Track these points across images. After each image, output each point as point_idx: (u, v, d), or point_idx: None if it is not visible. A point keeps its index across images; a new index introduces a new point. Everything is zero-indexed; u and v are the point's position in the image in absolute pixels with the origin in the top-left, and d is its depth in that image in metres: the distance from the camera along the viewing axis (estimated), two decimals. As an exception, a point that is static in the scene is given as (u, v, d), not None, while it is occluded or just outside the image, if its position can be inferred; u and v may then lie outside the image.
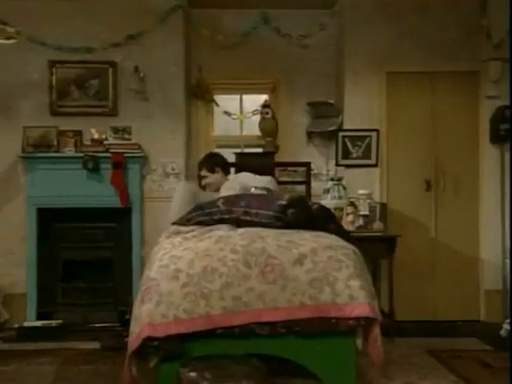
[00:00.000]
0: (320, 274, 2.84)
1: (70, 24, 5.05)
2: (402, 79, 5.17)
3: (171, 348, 2.76)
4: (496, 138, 5.03)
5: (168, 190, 5.06)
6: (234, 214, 3.24)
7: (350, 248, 3.04)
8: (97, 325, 4.92)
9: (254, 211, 3.17)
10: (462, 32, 5.09)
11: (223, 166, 4.45)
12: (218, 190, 4.25)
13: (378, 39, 5.16)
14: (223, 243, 3.01)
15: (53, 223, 5.12)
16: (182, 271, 2.84)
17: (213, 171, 4.38)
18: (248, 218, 3.18)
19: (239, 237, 3.07)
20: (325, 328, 2.82)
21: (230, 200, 3.38)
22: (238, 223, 3.30)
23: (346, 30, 5.22)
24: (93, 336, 4.58)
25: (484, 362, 3.84)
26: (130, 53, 5.09)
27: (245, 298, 2.79)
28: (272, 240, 3.00)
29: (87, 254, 5.16)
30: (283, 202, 3.17)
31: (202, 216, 3.39)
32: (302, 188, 5.26)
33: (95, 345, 4.34)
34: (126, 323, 4.36)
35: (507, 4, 3.85)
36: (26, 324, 4.79)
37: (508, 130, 4.87)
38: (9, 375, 3.70)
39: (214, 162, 4.41)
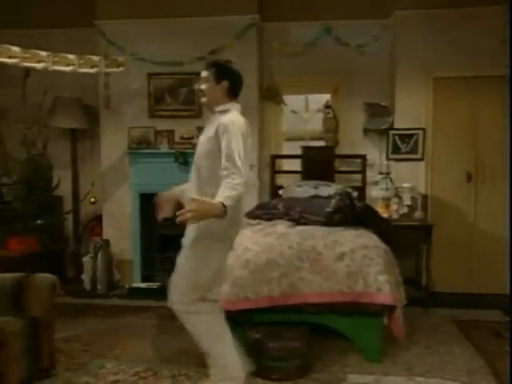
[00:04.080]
0: (355, 269, 3.39)
1: (164, 42, 5.61)
2: (447, 84, 5.41)
3: (242, 317, 3.45)
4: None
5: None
6: (292, 216, 3.88)
7: (382, 247, 3.55)
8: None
9: (308, 216, 3.79)
10: (502, 39, 5.12)
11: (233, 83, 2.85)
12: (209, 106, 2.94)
13: (426, 48, 5.40)
14: (283, 239, 3.66)
15: (151, 205, 5.87)
16: (250, 261, 3.51)
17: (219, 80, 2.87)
18: (304, 221, 3.82)
19: (296, 235, 3.70)
20: (358, 310, 3.40)
21: (288, 204, 4.02)
22: (297, 221, 3.95)
23: (397, 41, 5.50)
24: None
25: (498, 333, 4.15)
26: (212, 65, 5.68)
27: (297, 284, 3.41)
28: (320, 239, 3.60)
29: (177, 231, 5.81)
30: (330, 210, 3.76)
31: (266, 214, 4.09)
32: (358, 176, 5.67)
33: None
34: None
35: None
36: (133, 285, 5.61)
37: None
38: (125, 325, 4.55)
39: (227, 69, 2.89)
